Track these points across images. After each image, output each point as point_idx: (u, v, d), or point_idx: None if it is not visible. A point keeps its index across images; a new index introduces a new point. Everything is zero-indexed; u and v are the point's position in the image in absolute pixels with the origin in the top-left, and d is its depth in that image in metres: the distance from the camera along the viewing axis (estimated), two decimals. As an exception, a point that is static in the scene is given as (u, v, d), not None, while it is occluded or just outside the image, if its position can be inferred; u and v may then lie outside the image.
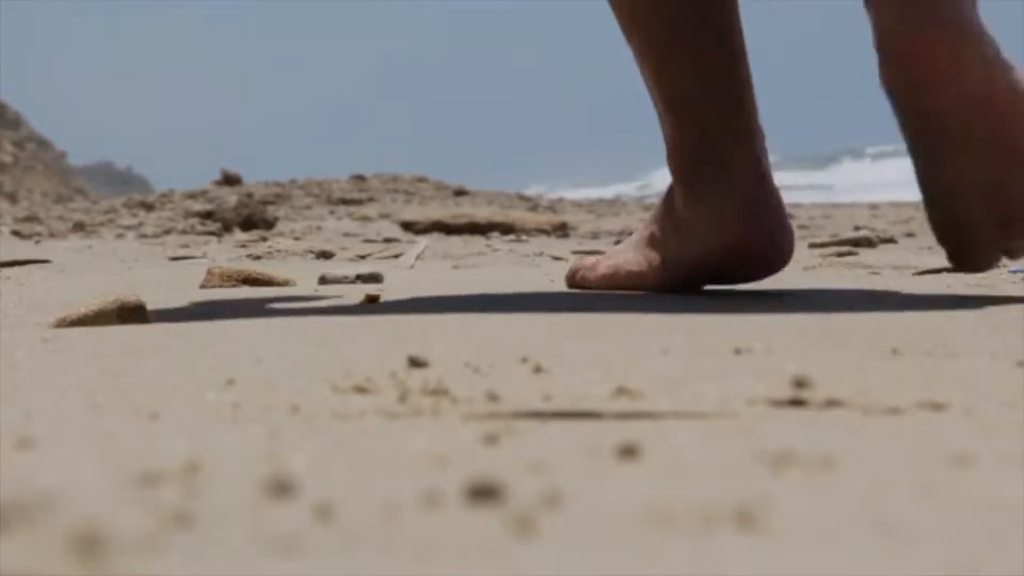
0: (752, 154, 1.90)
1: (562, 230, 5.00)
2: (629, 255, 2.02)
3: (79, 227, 5.84)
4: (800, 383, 1.01)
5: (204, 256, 3.56)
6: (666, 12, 1.89)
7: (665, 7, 1.89)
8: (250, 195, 7.82)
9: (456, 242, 4.47)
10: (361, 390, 1.04)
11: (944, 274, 2.46)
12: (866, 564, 0.57)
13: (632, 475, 0.74)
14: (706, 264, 1.92)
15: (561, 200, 9.67)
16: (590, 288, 2.07)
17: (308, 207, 7.56)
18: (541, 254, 3.54)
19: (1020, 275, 2.46)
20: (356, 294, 2.03)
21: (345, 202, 7.87)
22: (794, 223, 6.18)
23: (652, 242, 1.99)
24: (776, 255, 1.92)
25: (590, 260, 2.10)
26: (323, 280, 2.41)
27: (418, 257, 3.31)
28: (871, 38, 1.78)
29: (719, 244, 1.90)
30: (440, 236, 4.87)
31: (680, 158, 1.93)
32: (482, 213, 5.16)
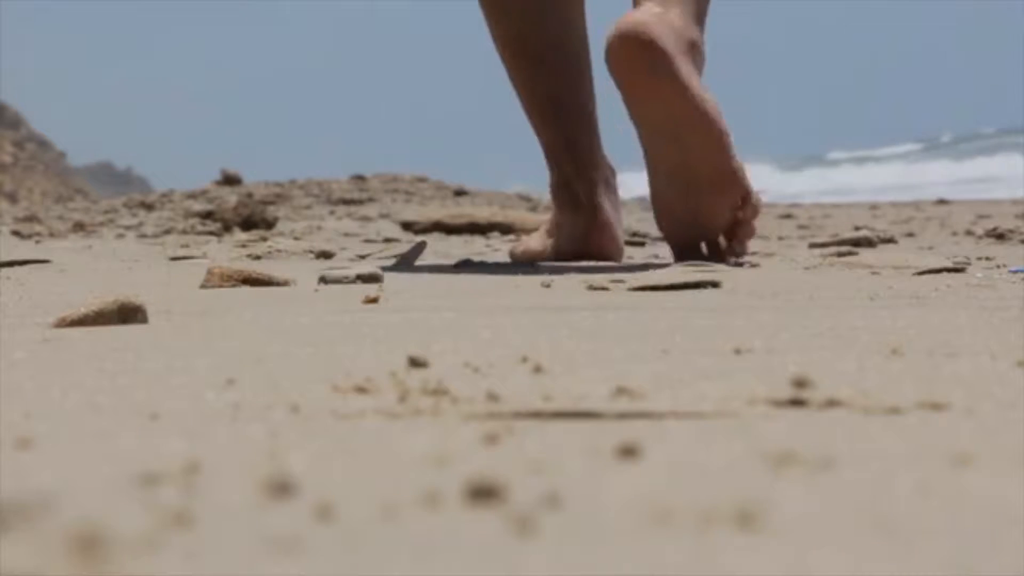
0: (594, 190, 2.94)
1: (562, 230, 4.99)
2: (534, 241, 3.06)
3: (79, 227, 5.83)
4: (800, 383, 1.01)
5: (204, 256, 3.56)
6: (545, 92, 2.92)
7: (544, 87, 2.92)
8: (250, 195, 7.81)
9: (456, 242, 4.47)
10: (361, 390, 1.04)
11: (944, 274, 2.46)
12: (866, 564, 0.57)
13: (632, 475, 0.74)
14: (567, 255, 2.96)
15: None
16: (518, 259, 3.03)
17: (308, 207, 7.55)
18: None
19: (1020, 275, 2.46)
20: (356, 294, 2.03)
21: (345, 202, 7.86)
22: (793, 223, 6.19)
23: (547, 234, 3.04)
24: (605, 257, 2.94)
25: (523, 241, 3.13)
26: (323, 280, 2.41)
27: (418, 257, 3.30)
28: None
29: (571, 248, 2.97)
30: (440, 236, 4.86)
31: (554, 188, 3.01)
32: (482, 213, 5.15)
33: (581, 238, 2.94)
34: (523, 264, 2.90)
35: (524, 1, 2.86)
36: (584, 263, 2.88)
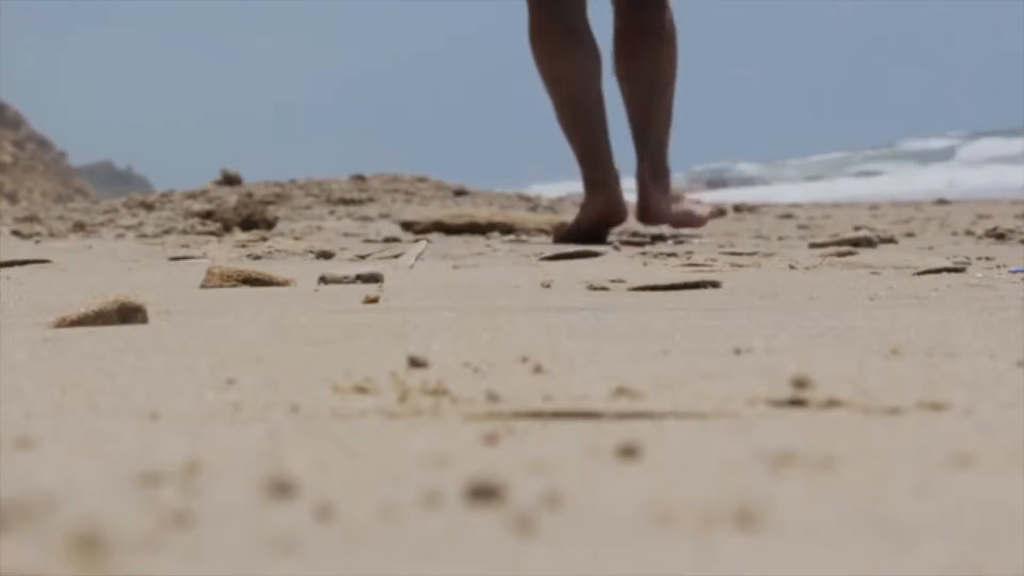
0: (609, 178, 4.42)
1: (562, 230, 4.99)
2: (569, 217, 4.62)
3: (79, 227, 5.83)
4: (800, 383, 1.01)
5: (204, 256, 3.56)
6: (584, 131, 4.49)
7: (577, 108, 4.49)
8: (250, 195, 7.80)
9: (456, 242, 4.47)
10: (361, 390, 1.04)
11: (944, 274, 2.46)
12: (866, 564, 0.57)
13: (632, 475, 0.74)
14: (587, 221, 4.35)
15: (561, 200, 9.67)
16: (557, 235, 4.49)
17: (308, 207, 7.55)
18: (541, 254, 3.54)
19: (1020, 275, 2.46)
20: (356, 294, 2.03)
21: (345, 202, 7.86)
22: (793, 223, 6.20)
23: (579, 209, 4.52)
24: (616, 223, 4.41)
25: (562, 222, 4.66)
26: (323, 280, 2.41)
27: (418, 257, 3.31)
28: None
29: (591, 215, 4.38)
30: (440, 236, 4.86)
31: (585, 181, 4.45)
32: (482, 213, 5.15)
33: (596, 208, 4.41)
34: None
35: (572, 76, 4.50)
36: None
